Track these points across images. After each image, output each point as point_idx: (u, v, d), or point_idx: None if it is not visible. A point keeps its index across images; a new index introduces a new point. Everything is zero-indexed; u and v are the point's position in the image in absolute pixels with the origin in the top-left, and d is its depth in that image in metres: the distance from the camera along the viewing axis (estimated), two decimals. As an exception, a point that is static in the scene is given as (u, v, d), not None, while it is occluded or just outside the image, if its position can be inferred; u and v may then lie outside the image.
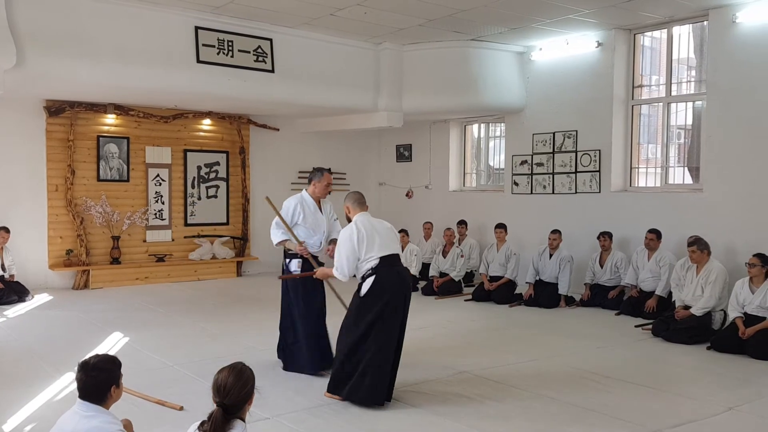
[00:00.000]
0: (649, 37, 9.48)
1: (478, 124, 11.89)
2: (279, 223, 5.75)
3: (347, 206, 5.04)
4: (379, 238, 4.80)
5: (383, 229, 4.91)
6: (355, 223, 4.86)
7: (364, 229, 4.79)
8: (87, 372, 2.76)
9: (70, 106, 9.70)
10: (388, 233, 4.90)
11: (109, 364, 2.82)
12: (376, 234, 4.81)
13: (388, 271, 4.73)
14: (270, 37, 9.23)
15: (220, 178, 11.35)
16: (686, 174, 9.17)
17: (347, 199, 5.07)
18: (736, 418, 4.52)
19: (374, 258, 4.75)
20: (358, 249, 4.75)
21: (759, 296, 6.23)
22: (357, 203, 5.02)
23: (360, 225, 4.83)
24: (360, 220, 4.89)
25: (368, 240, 4.77)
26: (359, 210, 4.99)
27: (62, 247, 9.86)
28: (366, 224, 4.85)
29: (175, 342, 6.54)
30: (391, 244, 4.86)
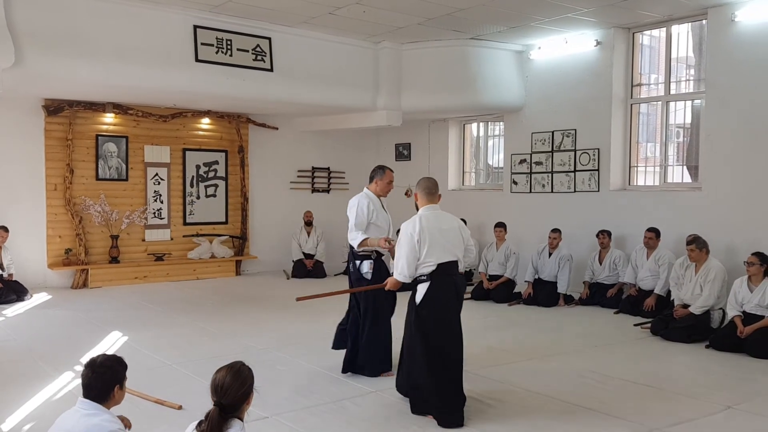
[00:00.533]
0: (648, 35, 9.48)
1: (477, 122, 11.89)
2: (357, 224, 5.34)
3: (415, 193, 4.60)
4: (442, 239, 4.37)
5: (449, 229, 4.46)
6: (419, 219, 4.41)
7: (427, 229, 4.35)
8: (94, 369, 2.77)
9: (69, 105, 9.69)
10: (453, 235, 4.45)
11: (116, 363, 2.85)
12: (439, 235, 4.38)
13: (442, 280, 4.36)
14: (269, 36, 9.22)
15: (219, 177, 11.35)
16: (685, 173, 9.18)
17: (417, 185, 4.59)
18: (735, 417, 4.52)
19: (431, 264, 4.35)
20: (419, 249, 4.35)
21: (757, 295, 6.24)
22: (426, 192, 4.52)
23: (424, 222, 4.38)
24: (425, 216, 4.42)
25: (430, 241, 4.34)
26: (427, 201, 4.52)
27: (61, 246, 9.85)
28: (431, 221, 4.39)
29: (174, 341, 6.54)
30: (454, 248, 4.43)
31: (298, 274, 11.10)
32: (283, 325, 7.35)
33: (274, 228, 11.75)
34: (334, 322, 6.85)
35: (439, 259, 4.36)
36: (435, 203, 4.53)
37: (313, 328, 7.13)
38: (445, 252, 4.38)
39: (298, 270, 11.13)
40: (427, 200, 4.53)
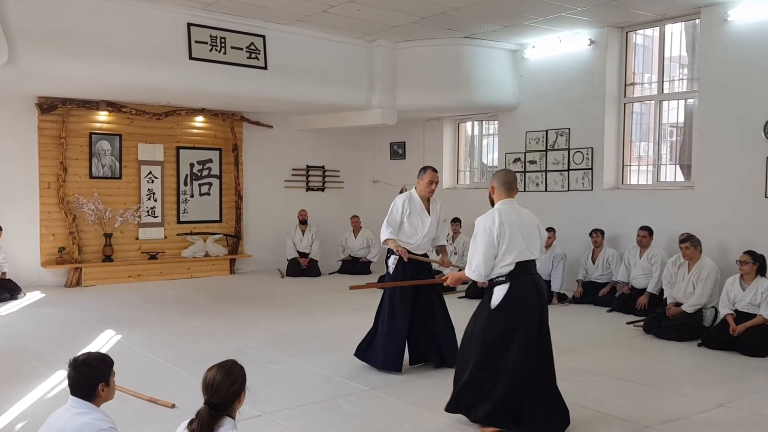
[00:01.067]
0: (642, 35, 9.51)
1: (472, 121, 11.90)
2: (389, 221, 5.54)
3: (492, 186, 4.27)
4: (522, 237, 4.05)
5: (529, 225, 4.14)
6: (497, 213, 4.10)
7: (507, 224, 4.04)
8: (76, 368, 2.76)
9: (62, 103, 9.66)
10: (533, 232, 4.15)
11: (99, 361, 2.81)
12: (519, 232, 4.06)
13: (523, 280, 4.03)
14: (263, 33, 9.21)
15: (213, 176, 11.33)
16: (678, 171, 9.21)
17: (494, 177, 4.30)
18: (727, 415, 4.55)
19: (510, 263, 4.02)
20: (497, 245, 4.02)
21: (749, 293, 6.27)
22: (504, 186, 4.21)
23: (504, 216, 4.07)
24: (504, 210, 4.12)
25: (510, 238, 4.02)
26: (505, 195, 4.20)
27: (54, 244, 9.83)
28: (511, 217, 4.09)
29: (168, 340, 6.54)
30: (534, 247, 4.12)
31: (292, 272, 11.09)
32: (277, 324, 7.35)
33: (269, 226, 11.74)
34: (328, 321, 6.88)
35: (519, 257, 4.02)
36: (512, 198, 4.22)
37: (307, 327, 7.14)
38: (525, 250, 4.06)
39: (293, 269, 11.12)
40: (504, 194, 4.20)
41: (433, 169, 5.64)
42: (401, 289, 5.38)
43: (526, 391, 3.97)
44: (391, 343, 5.40)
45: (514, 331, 3.98)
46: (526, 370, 3.97)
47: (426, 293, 5.48)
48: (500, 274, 4.05)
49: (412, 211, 5.55)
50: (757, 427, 4.34)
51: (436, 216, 5.66)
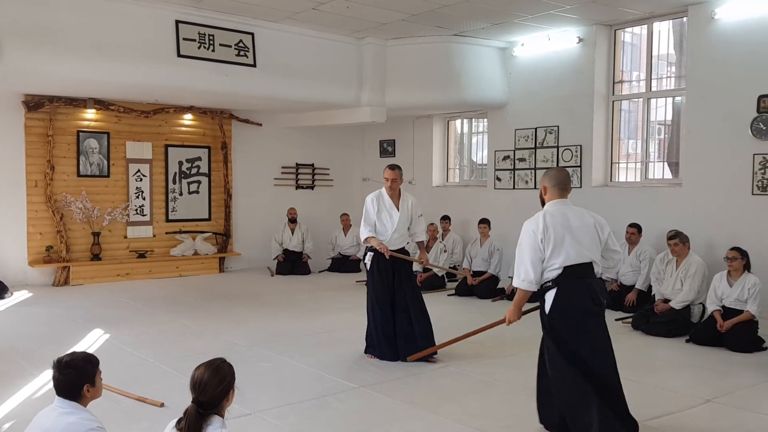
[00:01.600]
0: (630, 33, 9.55)
1: (461, 119, 11.92)
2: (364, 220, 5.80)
3: (543, 185, 4.05)
4: (570, 239, 3.82)
5: (582, 226, 3.89)
6: (543, 215, 3.89)
7: (552, 226, 3.83)
8: (60, 370, 2.74)
9: (50, 100, 9.59)
10: (586, 233, 3.88)
11: (83, 362, 2.79)
12: (567, 234, 3.83)
13: (573, 284, 3.81)
14: (252, 31, 9.18)
15: (201, 174, 11.28)
16: (666, 169, 9.26)
17: (545, 176, 4.08)
18: (715, 410, 4.58)
19: (557, 267, 3.82)
20: (543, 249, 3.82)
21: (737, 289, 6.31)
22: (556, 185, 3.98)
23: (549, 219, 3.86)
24: (551, 212, 3.91)
25: (555, 240, 3.81)
26: (557, 195, 3.97)
27: (42, 243, 9.75)
28: (557, 218, 3.86)
29: (157, 338, 6.51)
30: (586, 249, 3.85)
31: (282, 271, 11.07)
32: (266, 322, 7.33)
33: (258, 225, 11.71)
34: (318, 319, 6.87)
35: (567, 261, 3.81)
36: (565, 198, 4.00)
37: (297, 326, 7.13)
38: (574, 253, 3.82)
39: (283, 267, 11.10)
40: (557, 194, 3.98)
41: (390, 167, 5.85)
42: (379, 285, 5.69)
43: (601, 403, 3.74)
44: (377, 334, 5.70)
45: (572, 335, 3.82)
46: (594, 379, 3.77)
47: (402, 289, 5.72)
48: (548, 279, 3.86)
49: (381, 209, 5.79)
50: (744, 422, 4.37)
51: (406, 211, 5.85)
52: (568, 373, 3.79)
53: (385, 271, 5.68)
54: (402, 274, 5.75)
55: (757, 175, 7.66)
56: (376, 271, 5.72)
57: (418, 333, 5.66)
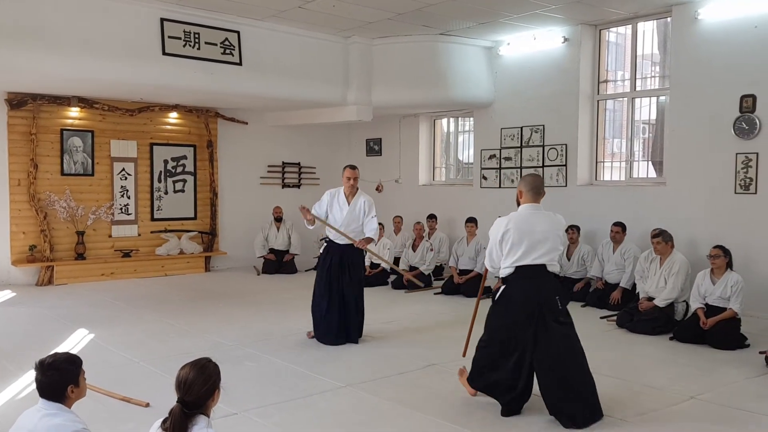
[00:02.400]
0: (614, 32, 9.62)
1: (447, 118, 11.94)
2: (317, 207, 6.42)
3: (519, 190, 4.41)
4: (528, 242, 4.17)
5: (543, 231, 4.22)
6: (509, 217, 4.27)
7: (512, 229, 4.20)
8: (43, 371, 2.71)
9: (33, 98, 9.50)
10: (548, 237, 4.22)
11: (66, 363, 2.76)
12: (525, 238, 4.18)
13: (520, 284, 4.22)
14: (237, 29, 9.14)
15: (187, 172, 11.22)
16: (650, 168, 9.34)
17: (520, 181, 4.45)
18: (698, 407, 4.63)
19: (509, 266, 4.22)
20: (500, 248, 4.24)
21: (720, 287, 6.37)
22: (530, 190, 4.33)
23: (513, 222, 4.22)
24: (518, 215, 4.28)
25: (512, 242, 4.19)
26: (530, 200, 4.33)
27: (25, 242, 9.67)
28: (521, 222, 4.22)
29: (142, 338, 6.47)
30: (543, 253, 4.19)
31: (268, 270, 11.05)
32: (252, 321, 7.32)
33: (244, 223, 11.66)
34: (304, 318, 6.86)
35: (519, 261, 4.19)
36: (538, 203, 4.34)
37: (283, 325, 7.12)
38: (528, 255, 4.18)
39: (269, 266, 11.08)
40: (531, 198, 4.33)
41: (351, 166, 6.35)
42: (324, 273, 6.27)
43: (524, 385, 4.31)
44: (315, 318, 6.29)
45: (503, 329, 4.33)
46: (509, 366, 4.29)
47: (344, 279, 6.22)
48: (502, 276, 4.34)
49: (334, 203, 6.32)
50: (727, 419, 4.42)
51: (355, 209, 6.26)
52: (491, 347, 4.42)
53: (331, 261, 6.25)
54: (347, 266, 6.24)
55: (739, 174, 7.74)
56: (323, 260, 6.36)
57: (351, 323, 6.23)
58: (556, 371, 4.20)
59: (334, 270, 6.24)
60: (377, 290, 9.38)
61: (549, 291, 4.27)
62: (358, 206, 6.28)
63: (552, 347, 4.20)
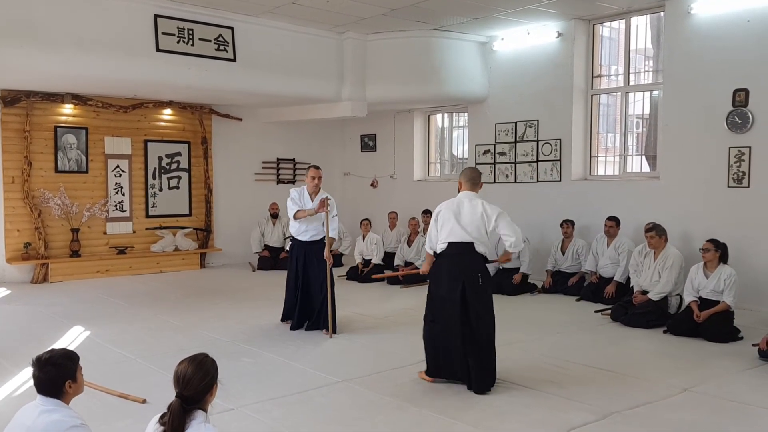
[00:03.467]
0: (608, 27, 9.63)
1: (442, 113, 11.95)
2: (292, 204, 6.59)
3: (459, 181, 5.09)
4: (455, 222, 4.81)
5: (471, 214, 4.84)
6: (445, 203, 4.97)
7: (445, 210, 4.89)
8: (40, 368, 2.71)
9: (26, 95, 9.47)
10: (472, 220, 4.82)
11: (63, 359, 2.76)
12: (453, 218, 4.83)
13: (449, 258, 4.83)
14: (231, 25, 9.13)
15: (182, 169, 11.21)
16: (644, 162, 9.37)
17: (461, 174, 5.10)
18: (691, 399, 4.66)
19: (443, 242, 4.86)
20: (435, 227, 4.93)
21: (713, 281, 6.41)
22: (467, 181, 5.02)
23: (446, 205, 4.93)
24: (453, 200, 4.95)
25: (442, 222, 4.87)
26: (467, 189, 4.99)
27: (20, 240, 9.65)
28: (453, 206, 4.89)
29: (138, 335, 6.48)
30: (468, 233, 4.79)
31: (263, 266, 11.05)
32: (248, 317, 7.32)
33: (239, 220, 11.67)
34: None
35: (449, 238, 4.83)
36: (474, 191, 4.96)
37: (279, 321, 7.12)
38: (456, 233, 4.80)
39: (264, 262, 11.08)
40: (467, 188, 4.99)
41: (315, 167, 6.67)
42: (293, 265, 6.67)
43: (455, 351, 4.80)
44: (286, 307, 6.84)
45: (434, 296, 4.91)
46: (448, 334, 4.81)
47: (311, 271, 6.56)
48: (438, 251, 4.93)
49: (301, 202, 6.54)
50: (720, 411, 4.45)
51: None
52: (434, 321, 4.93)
53: (297, 255, 6.62)
54: (313, 259, 6.56)
55: (732, 168, 7.78)
56: (292, 254, 6.73)
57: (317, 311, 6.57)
58: (474, 340, 4.74)
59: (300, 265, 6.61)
60: (373, 286, 9.39)
61: (473, 266, 4.81)
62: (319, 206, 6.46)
63: (472, 317, 4.74)
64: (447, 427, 4.15)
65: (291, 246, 6.86)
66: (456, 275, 4.77)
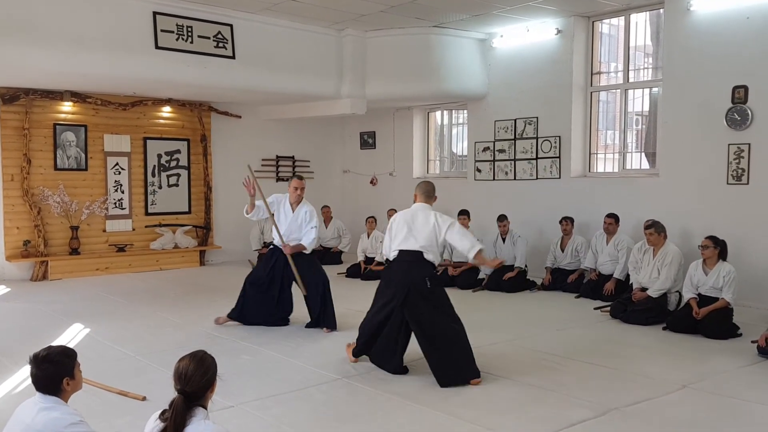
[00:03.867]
0: (607, 24, 9.63)
1: (441, 111, 11.95)
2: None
3: (415, 194, 5.36)
4: (407, 231, 5.06)
5: (424, 225, 5.08)
6: (401, 213, 5.26)
7: (398, 221, 5.16)
8: (38, 365, 2.71)
9: (25, 93, 9.46)
10: (424, 230, 5.06)
11: (61, 356, 2.76)
12: (406, 227, 5.09)
13: (399, 265, 5.09)
14: (230, 22, 9.11)
15: (181, 167, 11.21)
16: (643, 159, 9.37)
17: (417, 187, 5.39)
18: (690, 395, 4.67)
19: (395, 250, 5.12)
20: (390, 235, 5.20)
21: (712, 277, 6.41)
22: (422, 194, 5.31)
23: (400, 215, 5.20)
24: (407, 210, 5.22)
25: (396, 231, 5.13)
26: (420, 200, 5.28)
27: (19, 237, 9.65)
28: (407, 216, 5.16)
29: (137, 332, 6.48)
30: (418, 242, 5.03)
31: (263, 263, 11.04)
32: (248, 314, 7.32)
33: (239, 217, 11.51)
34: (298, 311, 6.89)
35: (400, 246, 5.09)
36: (428, 204, 5.25)
37: (279, 317, 7.12)
38: (407, 242, 5.05)
39: (264, 259, 11.07)
40: (422, 200, 5.28)
41: (298, 177, 6.73)
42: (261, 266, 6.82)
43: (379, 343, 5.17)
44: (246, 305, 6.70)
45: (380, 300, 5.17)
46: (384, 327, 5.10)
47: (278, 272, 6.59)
48: (390, 258, 5.21)
49: (280, 209, 6.62)
50: (719, 407, 4.46)
51: (297, 218, 6.56)
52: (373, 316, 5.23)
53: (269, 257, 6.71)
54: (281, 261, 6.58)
55: (732, 165, 7.78)
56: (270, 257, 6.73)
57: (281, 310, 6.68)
58: (428, 337, 4.94)
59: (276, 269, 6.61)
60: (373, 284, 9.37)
61: (420, 272, 5.03)
62: (300, 215, 6.55)
63: (423, 317, 4.96)
64: (446, 423, 4.16)
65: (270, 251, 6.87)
66: (404, 281, 5.00)
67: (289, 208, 6.61)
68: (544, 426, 4.08)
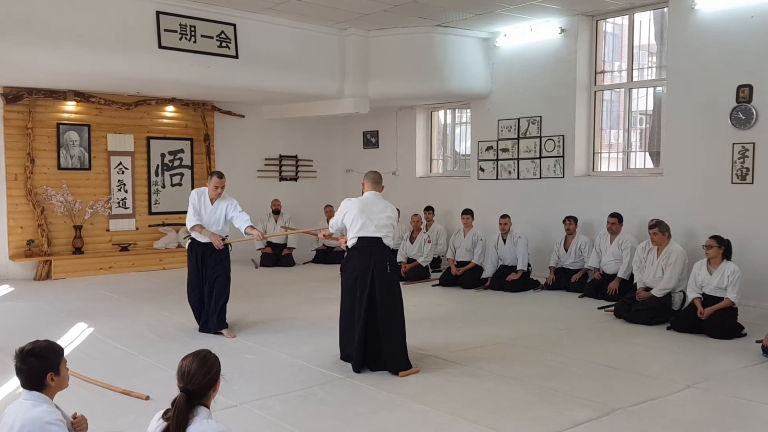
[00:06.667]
0: (611, 23, 9.61)
1: (444, 110, 11.93)
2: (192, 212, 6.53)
3: (363, 183, 5.54)
4: (366, 219, 5.22)
5: (380, 211, 5.30)
6: (357, 199, 5.37)
7: (355, 208, 5.27)
8: (22, 359, 2.67)
9: (29, 92, 9.48)
10: (381, 217, 5.27)
11: (46, 351, 2.72)
12: (364, 215, 5.23)
13: (360, 250, 5.23)
14: (233, 22, 9.12)
15: (184, 166, 11.21)
16: (647, 158, 9.35)
17: (365, 176, 5.57)
18: (695, 395, 4.65)
19: (353, 237, 5.26)
20: (344, 220, 5.33)
21: (716, 277, 6.39)
22: (371, 182, 5.49)
23: (357, 202, 5.31)
24: (363, 198, 5.37)
25: (353, 218, 5.25)
26: (371, 188, 5.45)
27: (23, 237, 9.66)
28: (364, 203, 5.31)
29: (141, 332, 6.48)
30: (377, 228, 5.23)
31: (266, 263, 11.06)
32: (250, 314, 7.33)
33: (242, 217, 11.63)
34: (302, 310, 6.90)
35: (359, 233, 5.24)
36: (378, 191, 5.44)
37: (281, 317, 7.13)
38: (366, 229, 5.22)
39: (266, 259, 11.09)
40: (371, 188, 5.46)
41: (219, 175, 6.61)
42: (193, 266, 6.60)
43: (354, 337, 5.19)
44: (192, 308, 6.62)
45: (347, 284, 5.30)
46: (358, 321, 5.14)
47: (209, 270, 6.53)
48: (350, 245, 5.32)
49: (201, 205, 6.57)
50: (723, 407, 4.45)
51: (216, 211, 6.55)
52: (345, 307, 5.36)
53: (196, 256, 6.55)
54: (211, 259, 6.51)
55: (736, 164, 7.76)
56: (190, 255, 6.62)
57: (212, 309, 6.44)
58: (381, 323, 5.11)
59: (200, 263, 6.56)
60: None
61: (381, 257, 5.21)
62: (219, 209, 6.54)
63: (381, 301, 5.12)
64: (449, 423, 4.15)
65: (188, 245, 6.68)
66: (367, 266, 5.17)
67: (209, 203, 6.57)
68: (548, 426, 4.07)
